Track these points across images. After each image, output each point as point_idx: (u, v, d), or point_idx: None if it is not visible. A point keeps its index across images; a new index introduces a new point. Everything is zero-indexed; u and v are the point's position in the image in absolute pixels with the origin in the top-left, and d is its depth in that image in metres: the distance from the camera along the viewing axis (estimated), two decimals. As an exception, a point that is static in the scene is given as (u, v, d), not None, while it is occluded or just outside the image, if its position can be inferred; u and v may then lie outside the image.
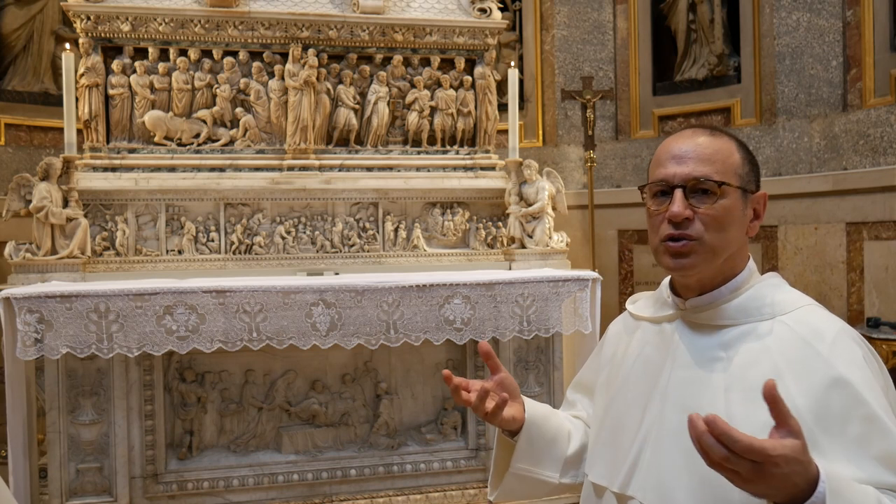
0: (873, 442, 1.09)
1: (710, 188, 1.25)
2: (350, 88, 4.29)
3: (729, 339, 1.26)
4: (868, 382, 1.14)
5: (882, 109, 4.58)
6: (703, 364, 1.26)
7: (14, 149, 4.95)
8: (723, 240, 1.26)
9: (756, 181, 1.31)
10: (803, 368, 1.16)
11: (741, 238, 1.29)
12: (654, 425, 1.28)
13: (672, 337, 1.34)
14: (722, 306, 1.29)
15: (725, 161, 1.27)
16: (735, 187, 1.26)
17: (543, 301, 3.63)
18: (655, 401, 1.30)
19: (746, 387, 1.19)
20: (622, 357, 1.44)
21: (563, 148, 5.94)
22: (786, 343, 1.20)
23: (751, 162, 1.31)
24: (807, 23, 5.00)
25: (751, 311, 1.27)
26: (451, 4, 4.47)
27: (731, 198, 1.26)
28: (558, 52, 5.94)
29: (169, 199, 3.99)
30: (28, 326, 3.12)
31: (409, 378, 3.87)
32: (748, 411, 1.16)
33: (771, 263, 5.09)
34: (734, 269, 1.31)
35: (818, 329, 1.21)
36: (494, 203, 4.38)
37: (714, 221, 1.25)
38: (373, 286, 3.43)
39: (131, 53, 4.08)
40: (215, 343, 3.29)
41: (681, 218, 1.25)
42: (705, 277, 1.31)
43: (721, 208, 1.25)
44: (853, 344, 1.20)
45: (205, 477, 3.52)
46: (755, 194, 1.30)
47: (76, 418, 3.33)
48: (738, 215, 1.27)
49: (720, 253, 1.27)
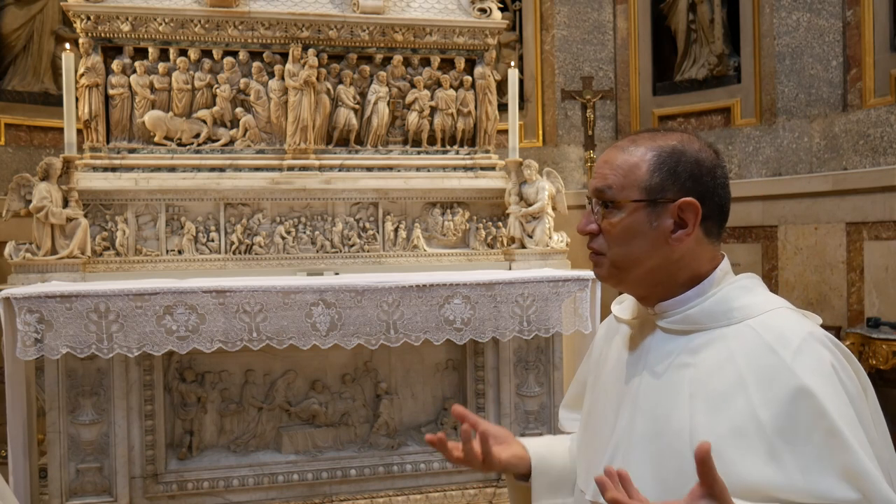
0: (834, 456, 1.07)
1: (609, 204, 1.25)
2: (350, 88, 4.29)
3: (696, 345, 1.23)
4: (833, 393, 1.10)
5: (882, 109, 4.58)
6: (670, 370, 1.24)
7: (14, 149, 4.95)
8: (626, 255, 1.25)
9: (682, 188, 1.23)
10: (767, 377, 1.13)
11: (658, 251, 1.24)
12: (626, 431, 1.27)
13: (643, 341, 1.32)
14: (688, 311, 1.25)
15: (628, 175, 1.24)
16: (635, 202, 1.23)
17: (543, 301, 3.63)
18: (627, 406, 1.28)
19: (710, 395, 1.17)
20: (605, 360, 1.43)
21: (563, 148, 5.94)
22: (751, 349, 1.17)
23: (670, 170, 1.23)
24: (807, 23, 5.00)
25: (717, 315, 1.23)
26: (451, 4, 4.47)
27: (628, 212, 1.23)
28: (558, 52, 5.94)
29: (169, 199, 3.99)
30: (28, 326, 3.12)
31: (409, 378, 3.87)
32: (711, 420, 1.14)
33: (771, 263, 5.09)
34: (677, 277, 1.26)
35: (784, 335, 1.16)
36: (494, 203, 4.38)
37: (612, 237, 1.25)
38: (373, 286, 3.43)
39: (131, 53, 4.07)
40: (215, 343, 3.29)
41: (583, 232, 1.29)
42: (637, 290, 1.30)
43: (618, 224, 1.24)
44: (822, 350, 1.15)
45: (205, 477, 3.52)
46: (673, 203, 1.22)
47: (76, 418, 3.33)
48: (643, 229, 1.23)
49: (626, 267, 1.26)
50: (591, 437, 1.39)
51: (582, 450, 1.43)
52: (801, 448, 1.08)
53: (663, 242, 1.23)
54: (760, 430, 1.10)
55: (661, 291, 1.27)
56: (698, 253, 1.26)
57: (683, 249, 1.24)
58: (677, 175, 1.23)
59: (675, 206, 1.22)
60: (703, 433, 1.13)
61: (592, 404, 1.42)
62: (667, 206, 1.23)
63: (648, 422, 1.23)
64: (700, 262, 1.26)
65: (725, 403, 1.14)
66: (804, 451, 1.08)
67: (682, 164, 1.24)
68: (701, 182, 1.24)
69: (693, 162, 1.24)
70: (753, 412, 1.11)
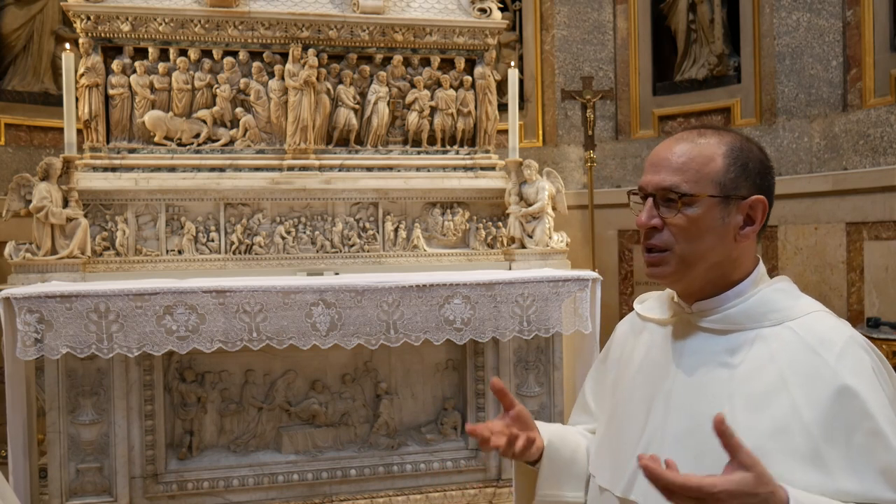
0: (877, 455, 1.08)
1: (679, 198, 1.23)
2: (350, 88, 4.29)
3: (735, 345, 1.23)
4: (875, 394, 1.12)
5: (882, 109, 4.58)
6: (708, 369, 1.24)
7: (14, 149, 4.95)
8: (694, 250, 1.23)
9: (753, 185, 1.24)
10: (810, 378, 1.14)
11: (724, 247, 1.24)
12: (658, 429, 1.27)
13: (678, 340, 1.32)
14: (728, 311, 1.26)
15: (700, 170, 1.23)
16: (709, 196, 1.22)
17: (543, 301, 3.63)
18: (659, 404, 1.28)
19: (750, 394, 1.17)
20: (628, 359, 1.43)
21: (563, 148, 5.94)
22: (792, 350, 1.18)
23: (742, 166, 1.24)
24: (807, 23, 5.00)
25: (757, 316, 1.24)
26: (451, 4, 4.47)
27: (704, 207, 1.22)
28: (558, 52, 5.94)
29: (169, 199, 3.99)
30: (28, 326, 3.12)
31: (409, 378, 3.87)
32: (751, 420, 1.15)
33: (771, 263, 5.09)
34: (730, 275, 1.27)
35: (826, 337, 1.18)
36: (494, 203, 4.38)
37: (682, 232, 1.23)
38: (373, 286, 3.43)
39: (131, 53, 4.08)
40: (215, 343, 3.29)
41: (645, 227, 1.26)
42: (692, 287, 1.29)
43: (690, 218, 1.22)
44: (862, 353, 1.17)
45: (205, 477, 3.52)
46: (745, 200, 1.23)
47: (76, 418, 3.33)
48: (714, 224, 1.22)
49: (693, 263, 1.24)
50: (616, 436, 1.38)
51: (605, 449, 1.41)
52: (844, 447, 1.09)
53: (730, 239, 1.24)
54: (804, 428, 1.11)
55: (712, 289, 1.28)
56: (751, 252, 1.28)
57: (742, 247, 1.26)
58: (749, 172, 1.24)
59: (747, 204, 1.23)
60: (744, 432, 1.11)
61: (617, 404, 1.41)
62: (738, 202, 1.23)
63: (685, 420, 1.23)
64: (750, 261, 1.28)
65: (767, 403, 1.15)
66: (847, 450, 1.09)
67: (752, 161, 1.25)
68: (766, 181, 1.26)
69: (759, 160, 1.26)
70: (797, 411, 1.12)
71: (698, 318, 1.29)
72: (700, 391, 1.23)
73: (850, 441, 1.09)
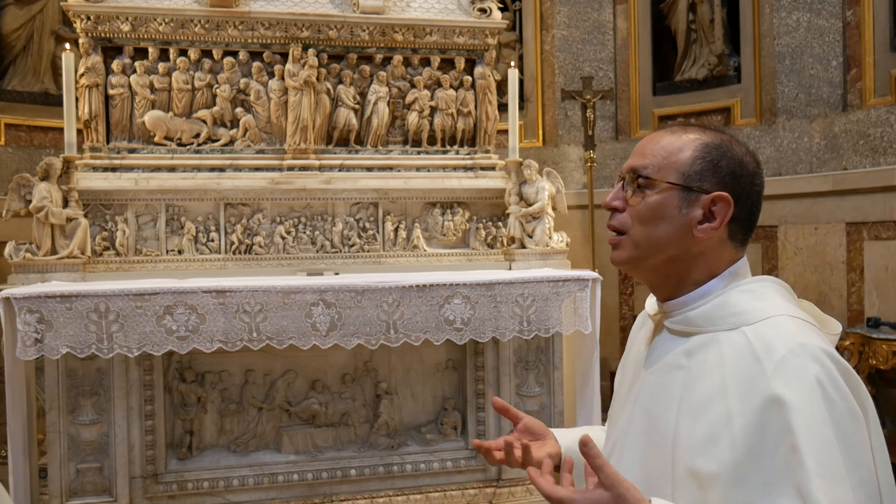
0: (793, 474, 1.03)
1: (641, 182, 1.24)
2: (350, 88, 4.29)
3: (692, 347, 1.21)
4: (808, 408, 1.04)
5: (882, 109, 4.58)
6: (668, 370, 1.23)
7: (14, 149, 4.95)
8: (648, 236, 1.23)
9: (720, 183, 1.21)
10: (746, 386, 1.09)
11: (681, 240, 1.22)
12: (624, 429, 1.28)
13: (652, 339, 1.32)
14: (689, 312, 1.23)
15: (668, 157, 1.23)
16: (670, 184, 1.21)
17: (543, 301, 3.63)
18: (630, 402, 1.30)
19: (695, 399, 1.15)
20: (627, 353, 1.45)
21: (563, 148, 5.94)
22: (738, 357, 1.13)
23: (712, 161, 1.22)
24: (807, 23, 5.00)
25: (715, 319, 1.20)
26: (451, 4, 4.47)
27: (663, 194, 1.21)
28: (558, 52, 5.94)
29: (169, 199, 3.99)
30: (28, 326, 3.12)
31: (409, 378, 3.87)
32: (689, 427, 1.14)
33: (771, 263, 5.09)
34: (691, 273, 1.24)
35: (773, 343, 1.11)
36: (494, 203, 4.38)
37: (638, 215, 1.23)
38: (373, 286, 3.43)
39: (131, 53, 4.07)
40: (215, 343, 3.29)
41: (608, 207, 1.28)
42: (653, 280, 1.28)
43: (648, 203, 1.22)
44: (808, 362, 1.08)
45: (205, 477, 3.52)
46: (708, 194, 1.21)
47: (76, 418, 3.33)
48: (671, 213, 1.21)
49: (648, 251, 1.23)
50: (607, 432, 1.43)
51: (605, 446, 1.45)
52: (766, 461, 1.05)
53: (687, 232, 1.21)
54: (732, 439, 1.08)
55: (674, 285, 1.26)
56: (719, 253, 1.24)
57: (705, 245, 1.22)
58: (718, 168, 1.22)
59: (709, 199, 1.21)
60: (683, 438, 1.13)
61: (613, 399, 1.44)
62: (700, 196, 1.21)
63: (643, 420, 1.24)
64: (718, 263, 1.24)
65: (706, 410, 1.13)
66: (768, 464, 1.05)
67: (725, 160, 1.23)
68: (739, 182, 1.22)
69: (737, 161, 1.23)
70: (729, 420, 1.09)
71: (667, 318, 1.28)
72: (658, 393, 1.23)
73: (773, 455, 1.04)
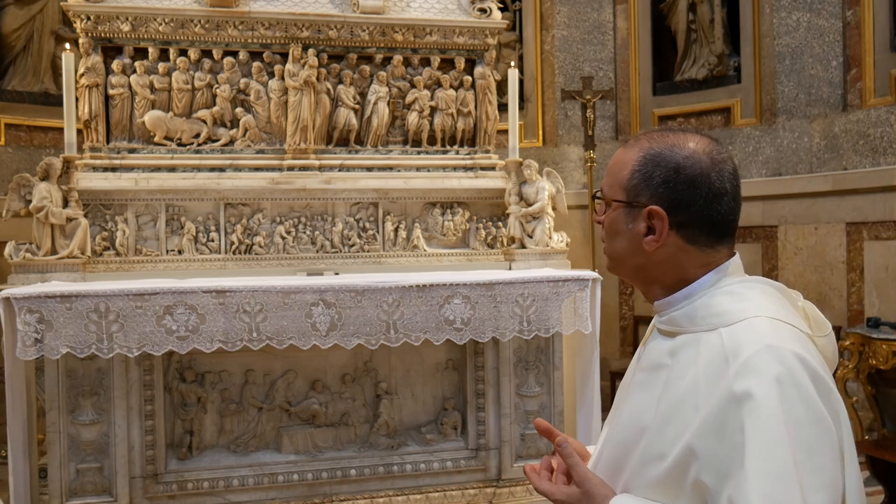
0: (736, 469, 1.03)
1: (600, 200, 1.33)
2: (350, 88, 4.29)
3: (676, 347, 1.22)
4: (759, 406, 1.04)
5: (882, 109, 4.58)
6: (654, 369, 1.25)
7: (14, 149, 4.96)
8: (613, 249, 1.30)
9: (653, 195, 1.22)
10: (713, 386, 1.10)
11: (638, 253, 1.25)
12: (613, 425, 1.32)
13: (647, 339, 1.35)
14: (674, 313, 1.25)
15: (616, 175, 1.28)
16: (615, 202, 1.27)
17: (543, 301, 3.62)
18: (620, 399, 1.35)
19: (671, 399, 1.16)
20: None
21: (563, 148, 5.94)
22: (711, 357, 1.13)
23: (646, 174, 1.23)
24: (807, 23, 5.00)
25: (697, 320, 1.21)
26: (451, 4, 4.47)
27: (616, 212, 1.28)
28: (558, 52, 5.94)
29: (169, 199, 3.99)
30: (28, 326, 3.12)
31: (409, 378, 3.87)
32: (661, 426, 1.15)
33: (771, 263, 5.09)
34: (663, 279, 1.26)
35: (741, 345, 1.11)
36: (494, 203, 4.38)
37: (605, 231, 1.32)
38: (373, 286, 3.43)
39: (131, 53, 4.07)
40: (215, 343, 3.29)
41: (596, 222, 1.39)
42: (636, 284, 1.35)
43: (608, 220, 1.31)
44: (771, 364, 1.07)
45: (205, 477, 3.52)
46: (644, 209, 1.22)
47: (76, 418, 3.33)
48: (622, 229, 1.26)
49: (616, 260, 1.32)
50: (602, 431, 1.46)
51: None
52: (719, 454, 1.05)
53: (639, 245, 1.25)
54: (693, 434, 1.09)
55: (658, 289, 1.29)
56: (681, 259, 1.24)
57: (662, 254, 1.24)
58: (650, 180, 1.23)
59: (645, 213, 1.23)
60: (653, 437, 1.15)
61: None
62: (640, 210, 1.24)
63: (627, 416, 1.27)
64: (685, 268, 1.24)
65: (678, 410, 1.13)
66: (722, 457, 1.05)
67: (658, 170, 1.22)
68: (676, 190, 1.21)
69: (671, 169, 1.22)
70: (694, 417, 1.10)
71: (657, 318, 1.32)
72: (644, 390, 1.25)
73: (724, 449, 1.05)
